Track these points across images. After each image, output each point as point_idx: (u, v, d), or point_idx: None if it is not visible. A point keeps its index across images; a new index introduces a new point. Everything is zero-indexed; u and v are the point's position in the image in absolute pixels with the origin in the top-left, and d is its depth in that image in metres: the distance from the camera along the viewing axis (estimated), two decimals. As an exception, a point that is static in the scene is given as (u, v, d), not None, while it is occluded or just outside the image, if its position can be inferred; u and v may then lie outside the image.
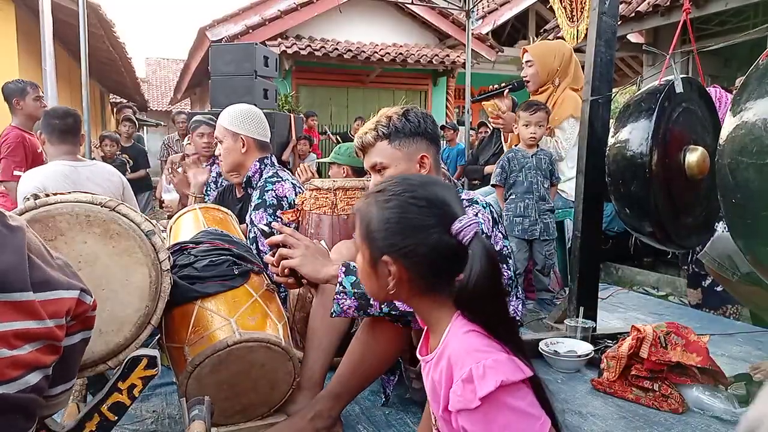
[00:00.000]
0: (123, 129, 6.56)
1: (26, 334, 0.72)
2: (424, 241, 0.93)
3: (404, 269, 0.95)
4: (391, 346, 1.55)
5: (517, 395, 0.88)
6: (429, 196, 0.96)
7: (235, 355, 1.45)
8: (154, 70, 26.52)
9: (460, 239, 0.92)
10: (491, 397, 0.85)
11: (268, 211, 2.31)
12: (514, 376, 0.87)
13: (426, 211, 0.94)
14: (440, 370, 0.93)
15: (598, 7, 2.24)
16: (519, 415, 0.87)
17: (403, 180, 1.01)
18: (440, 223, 0.93)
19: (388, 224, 0.95)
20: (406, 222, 0.94)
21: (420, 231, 0.94)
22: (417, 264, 0.95)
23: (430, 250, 0.93)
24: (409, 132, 1.65)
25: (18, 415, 0.74)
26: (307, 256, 1.52)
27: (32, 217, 1.25)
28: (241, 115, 2.45)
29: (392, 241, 0.95)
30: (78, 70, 5.31)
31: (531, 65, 3.13)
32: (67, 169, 2.64)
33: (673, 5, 5.92)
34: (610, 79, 2.29)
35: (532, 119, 2.86)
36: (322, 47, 9.09)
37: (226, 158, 2.45)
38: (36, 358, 0.74)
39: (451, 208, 0.95)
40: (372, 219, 0.98)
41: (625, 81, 10.84)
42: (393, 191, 0.98)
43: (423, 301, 0.99)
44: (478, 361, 0.87)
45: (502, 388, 0.85)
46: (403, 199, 0.96)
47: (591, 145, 2.28)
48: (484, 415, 0.86)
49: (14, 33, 6.22)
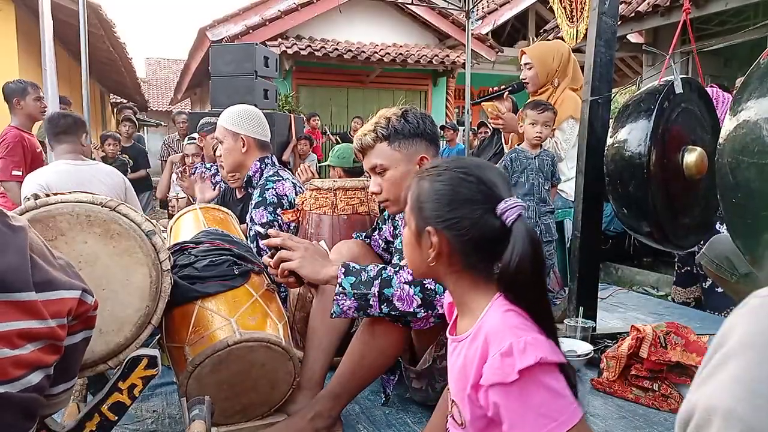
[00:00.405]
0: (123, 129, 6.56)
1: (28, 334, 0.73)
2: (469, 215, 0.96)
3: (446, 242, 0.98)
4: (391, 346, 1.55)
5: (554, 376, 0.89)
6: (480, 174, 0.99)
7: (235, 355, 1.45)
8: (154, 70, 26.53)
9: (504, 219, 0.94)
10: (529, 372, 0.86)
11: (268, 209, 2.31)
12: (552, 356, 0.88)
13: (474, 188, 0.97)
14: (475, 347, 0.94)
15: (597, 7, 2.24)
16: (555, 396, 0.88)
17: (456, 159, 1.05)
18: (487, 201, 0.96)
19: (437, 196, 0.99)
20: (453, 195, 0.98)
21: (466, 205, 0.97)
22: (459, 238, 0.97)
23: (472, 225, 0.96)
24: (408, 133, 1.66)
25: (19, 415, 0.74)
26: (306, 257, 1.52)
27: (33, 217, 1.25)
28: (241, 115, 2.46)
29: (438, 212, 0.98)
30: (78, 70, 5.32)
31: (530, 67, 3.12)
32: (71, 167, 2.67)
33: (673, 5, 5.92)
34: (609, 79, 2.29)
35: (540, 119, 2.81)
36: (322, 47, 9.10)
37: (227, 158, 2.47)
38: (38, 357, 0.74)
39: (498, 189, 0.98)
40: (422, 191, 1.02)
41: (625, 81, 10.84)
42: (446, 167, 1.02)
43: (461, 278, 1.01)
44: (519, 337, 0.88)
45: (540, 365, 0.87)
46: (455, 174, 0.99)
47: (591, 145, 2.28)
48: (520, 391, 0.87)
49: (14, 33, 6.22)
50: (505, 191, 0.98)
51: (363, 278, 1.43)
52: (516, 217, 0.94)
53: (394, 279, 1.42)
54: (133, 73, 12.16)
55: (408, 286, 1.41)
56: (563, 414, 0.87)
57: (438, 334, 1.57)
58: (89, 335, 0.87)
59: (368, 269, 1.46)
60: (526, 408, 0.87)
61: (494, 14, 10.61)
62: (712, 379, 0.50)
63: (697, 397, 0.51)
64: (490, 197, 0.96)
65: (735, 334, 0.50)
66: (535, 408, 0.87)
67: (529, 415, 0.87)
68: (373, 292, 1.41)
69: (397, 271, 1.44)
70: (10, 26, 6.20)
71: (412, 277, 1.42)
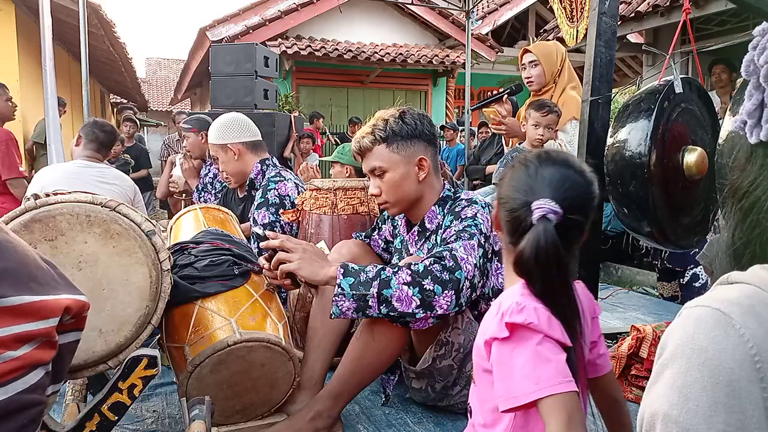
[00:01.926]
0: (125, 129, 6.58)
1: (27, 336, 0.73)
2: (514, 199, 1.04)
3: (499, 216, 1.08)
4: (390, 346, 1.55)
5: (547, 346, 0.93)
6: (539, 169, 1.05)
7: (235, 355, 1.45)
8: (154, 70, 26.53)
9: (532, 214, 1.00)
10: (520, 333, 0.94)
11: (270, 210, 2.32)
12: (548, 328, 0.93)
13: (526, 178, 1.04)
14: (489, 311, 1.05)
15: (597, 7, 2.23)
16: (541, 362, 0.92)
17: (547, 151, 1.12)
18: (529, 194, 1.02)
19: (505, 175, 1.10)
20: (511, 179, 1.07)
21: (514, 190, 1.05)
22: (504, 217, 1.06)
23: (512, 210, 1.04)
24: (406, 134, 1.66)
25: (25, 415, 0.75)
26: (305, 258, 1.52)
27: (32, 217, 1.25)
28: (222, 127, 2.53)
29: (501, 189, 1.09)
30: (78, 70, 5.32)
31: (536, 65, 3.09)
32: (81, 169, 2.75)
33: (672, 5, 5.93)
34: (610, 79, 2.29)
35: (543, 121, 2.79)
36: (322, 47, 9.10)
37: (227, 170, 2.55)
38: (38, 354, 0.75)
39: (544, 188, 1.02)
40: (504, 172, 1.12)
41: (625, 81, 10.84)
42: (527, 155, 1.11)
43: (506, 255, 1.11)
44: (524, 302, 0.96)
45: (532, 330, 0.93)
46: (524, 162, 1.08)
47: (591, 145, 2.27)
48: (511, 349, 0.94)
49: (14, 33, 6.21)
50: (552, 193, 1.02)
51: (362, 279, 1.43)
52: (540, 216, 0.98)
53: (393, 280, 1.42)
54: (133, 73, 12.15)
55: (407, 287, 1.41)
56: (546, 381, 0.90)
57: (438, 333, 1.57)
58: (79, 336, 0.88)
59: (367, 270, 1.46)
60: (512, 366, 0.94)
61: (494, 14, 10.61)
62: (654, 387, 0.55)
63: (645, 403, 0.56)
64: (533, 192, 1.02)
65: (670, 344, 0.54)
66: (519, 368, 0.92)
67: (512, 374, 0.93)
68: (371, 293, 1.41)
69: (396, 272, 1.44)
70: (10, 26, 6.19)
71: (411, 278, 1.42)
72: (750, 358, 0.49)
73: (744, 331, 0.50)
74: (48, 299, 0.76)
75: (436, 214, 1.71)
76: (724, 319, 0.51)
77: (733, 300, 0.52)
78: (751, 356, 0.49)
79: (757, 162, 0.60)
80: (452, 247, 1.49)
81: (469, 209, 1.61)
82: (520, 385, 0.91)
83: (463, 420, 1.67)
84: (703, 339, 0.51)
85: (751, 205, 0.60)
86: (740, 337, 0.50)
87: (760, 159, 0.59)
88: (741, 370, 0.49)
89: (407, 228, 1.83)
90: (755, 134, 0.59)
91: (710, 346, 0.50)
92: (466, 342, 1.59)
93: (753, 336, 0.49)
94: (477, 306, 1.68)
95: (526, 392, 0.90)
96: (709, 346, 0.50)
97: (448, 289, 1.42)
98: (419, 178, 1.68)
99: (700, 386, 0.50)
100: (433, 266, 1.44)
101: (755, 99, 0.59)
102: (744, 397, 0.48)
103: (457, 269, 1.44)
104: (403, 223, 1.86)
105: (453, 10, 8.92)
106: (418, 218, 1.75)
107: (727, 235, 0.64)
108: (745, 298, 0.52)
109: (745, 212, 0.60)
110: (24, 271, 0.75)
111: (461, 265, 1.45)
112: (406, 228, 1.84)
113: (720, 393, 0.49)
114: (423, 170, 1.68)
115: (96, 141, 2.84)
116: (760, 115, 0.59)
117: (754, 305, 0.51)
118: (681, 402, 0.51)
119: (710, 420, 0.49)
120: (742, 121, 0.61)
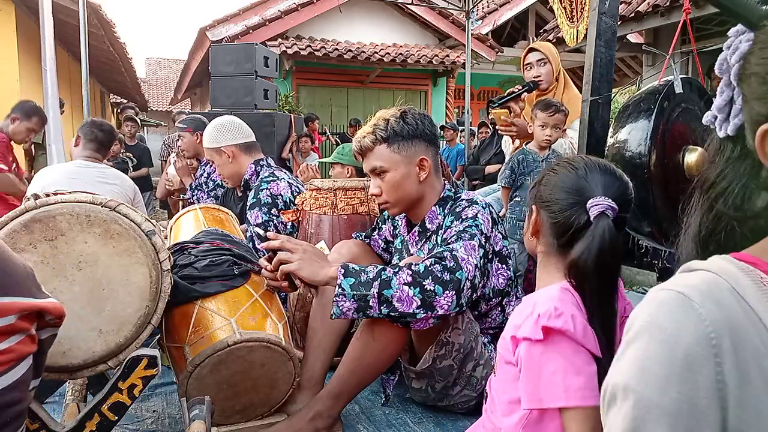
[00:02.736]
0: (126, 129, 6.58)
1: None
2: (562, 201, 1.07)
3: (540, 220, 1.11)
4: (390, 346, 1.55)
5: (580, 356, 0.95)
6: (586, 170, 1.08)
7: (235, 355, 1.45)
8: (154, 70, 26.52)
9: (589, 214, 1.02)
10: (553, 338, 0.95)
11: (262, 210, 2.32)
12: (582, 337, 0.95)
13: (575, 180, 1.07)
14: (522, 308, 1.07)
15: (597, 7, 2.23)
16: (571, 371, 0.93)
17: (587, 156, 1.16)
18: (581, 193, 1.05)
19: (546, 180, 1.12)
20: (557, 182, 1.10)
21: (562, 192, 1.07)
22: (550, 220, 1.09)
23: (561, 211, 1.06)
24: (407, 134, 1.65)
25: (8, 411, 0.76)
26: (305, 259, 1.52)
27: (32, 217, 1.25)
28: (215, 130, 2.56)
29: (542, 193, 1.11)
30: (78, 70, 5.32)
31: (544, 63, 3.04)
32: (81, 169, 2.76)
33: (672, 5, 5.93)
34: (610, 79, 2.29)
35: (550, 121, 2.72)
36: (322, 47, 9.09)
37: (223, 173, 2.60)
38: (20, 348, 0.77)
39: (596, 187, 1.05)
40: (542, 175, 1.15)
41: (625, 81, 10.84)
42: (567, 159, 1.14)
43: (543, 258, 1.14)
44: (562, 308, 0.97)
45: (567, 338, 0.94)
46: (567, 165, 1.11)
47: (591, 145, 2.27)
48: (541, 353, 0.96)
49: (14, 33, 6.21)
50: (603, 191, 1.05)
51: (362, 279, 1.43)
52: (599, 213, 1.01)
53: (394, 280, 1.42)
54: (133, 73, 12.15)
55: (407, 288, 1.41)
56: (575, 392, 0.92)
57: (438, 334, 1.57)
58: (55, 332, 0.89)
59: (368, 270, 1.45)
60: (540, 369, 0.95)
61: (494, 14, 10.60)
62: (618, 362, 0.59)
63: (609, 376, 0.60)
64: (585, 191, 1.05)
65: (635, 324, 0.59)
66: (550, 373, 0.94)
67: (540, 377, 0.95)
68: (372, 293, 1.41)
69: (396, 272, 1.44)
70: (10, 26, 6.19)
71: (412, 279, 1.42)
72: (706, 335, 0.53)
73: (702, 311, 0.54)
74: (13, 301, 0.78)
75: (436, 215, 1.70)
76: (686, 300, 0.55)
77: (694, 285, 0.56)
78: (707, 334, 0.53)
79: (725, 155, 0.64)
80: (453, 248, 1.49)
81: (469, 210, 1.61)
82: (548, 390, 0.94)
83: (464, 420, 1.67)
84: (665, 318, 0.56)
85: (717, 195, 0.64)
86: (698, 317, 0.54)
87: (728, 152, 0.64)
88: (698, 346, 0.53)
89: (408, 228, 1.83)
90: (724, 129, 0.64)
91: (671, 325, 0.55)
92: (467, 342, 1.59)
93: (710, 316, 0.53)
94: (477, 306, 1.68)
95: (554, 398, 0.93)
96: (670, 325, 0.55)
97: (449, 289, 1.42)
98: (420, 178, 1.68)
99: (659, 360, 0.55)
100: (434, 267, 1.44)
101: (725, 95, 0.63)
102: (697, 370, 0.53)
103: (458, 270, 1.44)
104: (403, 224, 1.86)
105: (453, 10, 8.92)
106: (419, 218, 1.75)
107: (693, 224, 0.68)
108: (704, 283, 0.56)
109: (711, 202, 0.64)
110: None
111: (462, 266, 1.45)
112: (406, 228, 1.83)
113: (675, 366, 0.54)
114: (424, 170, 1.68)
115: (95, 140, 2.85)
116: (729, 111, 0.63)
117: (713, 290, 0.55)
118: (639, 374, 0.56)
119: (664, 390, 0.54)
120: (713, 116, 0.65)
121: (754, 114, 0.58)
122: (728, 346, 0.52)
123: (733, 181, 0.63)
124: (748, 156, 0.62)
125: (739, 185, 0.62)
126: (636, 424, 0.55)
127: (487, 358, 1.64)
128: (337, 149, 3.04)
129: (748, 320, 0.53)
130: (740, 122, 0.61)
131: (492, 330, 1.76)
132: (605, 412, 0.60)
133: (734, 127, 0.62)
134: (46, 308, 0.81)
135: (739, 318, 0.53)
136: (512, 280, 1.74)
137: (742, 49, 0.60)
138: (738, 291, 0.55)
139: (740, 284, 0.55)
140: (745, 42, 0.60)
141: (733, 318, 0.53)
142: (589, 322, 1.01)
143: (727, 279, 0.56)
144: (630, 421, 0.56)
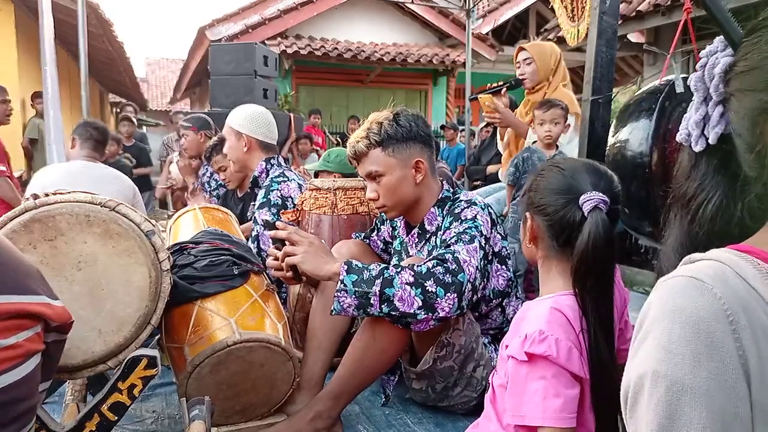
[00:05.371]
0: (122, 129, 6.56)
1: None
2: (554, 202, 1.08)
3: (537, 226, 1.12)
4: (391, 347, 1.54)
5: (561, 380, 0.98)
6: (573, 170, 1.10)
7: (234, 355, 1.45)
8: (153, 69, 26.47)
9: (583, 210, 1.04)
10: (536, 361, 0.99)
11: (271, 210, 2.32)
12: (566, 362, 0.98)
13: (562, 180, 1.09)
14: (516, 320, 1.11)
15: (598, 6, 2.23)
16: (550, 394, 0.97)
17: (571, 158, 1.17)
18: (571, 191, 1.07)
19: (535, 185, 1.13)
20: (546, 185, 1.11)
21: (552, 194, 1.09)
22: (545, 223, 1.10)
23: (555, 212, 1.08)
24: (401, 137, 1.65)
25: (17, 407, 0.76)
26: (310, 252, 1.52)
27: (32, 217, 1.24)
28: (248, 116, 2.51)
29: (533, 199, 1.13)
30: (78, 70, 5.31)
31: (530, 63, 3.11)
32: (81, 169, 2.77)
33: (674, 5, 5.91)
34: (611, 78, 2.29)
35: (546, 117, 2.72)
36: (322, 47, 9.08)
37: (230, 155, 2.55)
38: (28, 345, 0.78)
39: (585, 183, 1.07)
40: (532, 183, 1.15)
41: (626, 81, 10.83)
42: (552, 163, 1.15)
43: (545, 263, 1.15)
44: (547, 331, 1.00)
45: (550, 363, 0.98)
46: (554, 168, 1.13)
47: (591, 145, 2.27)
48: (526, 373, 1.00)
49: (14, 33, 6.21)
50: (593, 186, 1.07)
51: (365, 277, 1.43)
52: (592, 207, 1.03)
53: (396, 279, 1.42)
54: (132, 73, 12.15)
55: (410, 287, 1.41)
56: (552, 413, 0.97)
57: (439, 335, 1.57)
58: (64, 337, 0.89)
59: (370, 268, 1.45)
60: (522, 388, 1.00)
61: (495, 13, 10.59)
62: (639, 353, 0.59)
63: (629, 370, 0.60)
64: (575, 189, 1.06)
65: (650, 313, 0.59)
66: (531, 393, 0.99)
67: (521, 395, 1.00)
68: (374, 291, 1.41)
69: (399, 272, 1.43)
70: (9, 26, 6.19)
71: (414, 279, 1.42)
72: (723, 312, 0.54)
73: (716, 291, 0.55)
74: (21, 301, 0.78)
75: (435, 216, 1.70)
76: (698, 282, 0.57)
77: (703, 270, 0.58)
78: (724, 311, 0.54)
79: (700, 170, 0.68)
80: (455, 250, 1.49)
81: (468, 211, 1.61)
82: (528, 408, 0.99)
83: (464, 420, 1.66)
84: (681, 300, 0.56)
85: (697, 206, 0.67)
86: (714, 296, 0.55)
87: (703, 166, 0.67)
88: (717, 322, 0.54)
89: (407, 230, 1.82)
90: (701, 143, 0.67)
91: (689, 305, 0.56)
92: (467, 343, 1.58)
93: (724, 294, 0.55)
94: (478, 307, 1.68)
95: (532, 417, 0.98)
96: (688, 305, 0.56)
97: (451, 291, 1.41)
98: (416, 181, 1.67)
99: (684, 341, 0.55)
100: (436, 268, 1.43)
101: (701, 112, 0.66)
102: (720, 347, 0.53)
103: (460, 272, 1.43)
104: (402, 225, 1.85)
105: (453, 9, 8.91)
106: (417, 220, 1.75)
107: (673, 236, 0.70)
108: (710, 268, 0.58)
109: (691, 214, 0.67)
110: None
111: (464, 268, 1.44)
112: (405, 230, 1.83)
113: (701, 344, 0.54)
114: (420, 172, 1.67)
115: (91, 139, 2.87)
116: (704, 126, 0.66)
117: (718, 274, 0.57)
118: (668, 357, 0.55)
119: (695, 370, 0.54)
120: (687, 133, 0.68)
121: (758, 104, 0.59)
122: (744, 322, 0.54)
123: (710, 192, 0.66)
124: (725, 167, 0.65)
125: (717, 196, 0.65)
126: (672, 409, 0.54)
127: (488, 359, 1.63)
128: (323, 156, 3.00)
129: (753, 299, 0.55)
130: (720, 131, 0.64)
131: (492, 331, 1.75)
132: (631, 408, 0.59)
133: (714, 137, 0.65)
134: (45, 313, 0.81)
135: (745, 297, 0.55)
136: (512, 280, 1.73)
137: (725, 61, 0.64)
138: (740, 273, 0.56)
139: (740, 267, 0.57)
140: (723, 57, 0.65)
141: (742, 296, 0.55)
142: (587, 324, 1.03)
143: (728, 264, 0.57)
144: (665, 407, 0.55)
